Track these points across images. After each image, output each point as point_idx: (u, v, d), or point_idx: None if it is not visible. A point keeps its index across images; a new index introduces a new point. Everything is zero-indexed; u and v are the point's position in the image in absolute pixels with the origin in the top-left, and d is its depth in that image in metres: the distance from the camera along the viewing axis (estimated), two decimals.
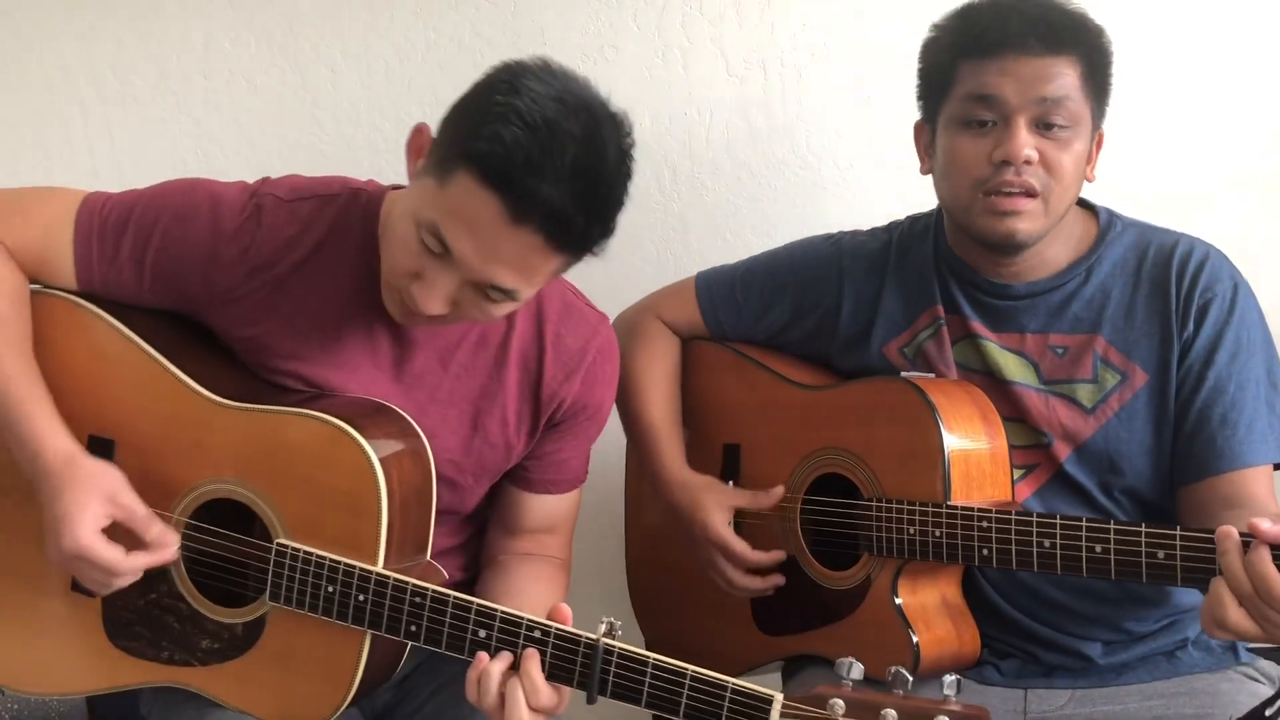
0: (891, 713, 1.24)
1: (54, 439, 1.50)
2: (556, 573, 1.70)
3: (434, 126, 1.51)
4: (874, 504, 1.67)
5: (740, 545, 1.79)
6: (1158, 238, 1.72)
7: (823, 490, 1.77)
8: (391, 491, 1.46)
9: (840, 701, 1.26)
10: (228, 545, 1.55)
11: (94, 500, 1.47)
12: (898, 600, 1.64)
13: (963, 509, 1.59)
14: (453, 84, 2.30)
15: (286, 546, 1.48)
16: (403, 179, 2.32)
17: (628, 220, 2.30)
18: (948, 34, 1.68)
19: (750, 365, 1.88)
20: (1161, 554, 1.46)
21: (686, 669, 1.34)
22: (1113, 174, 1.78)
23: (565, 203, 1.38)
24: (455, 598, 1.42)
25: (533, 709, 1.39)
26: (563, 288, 1.68)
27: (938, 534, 1.60)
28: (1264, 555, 1.35)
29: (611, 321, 2.00)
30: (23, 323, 1.57)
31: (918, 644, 1.62)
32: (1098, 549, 1.49)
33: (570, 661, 1.38)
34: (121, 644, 1.58)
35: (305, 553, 1.47)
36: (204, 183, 1.62)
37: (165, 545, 1.50)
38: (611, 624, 1.39)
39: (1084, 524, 1.51)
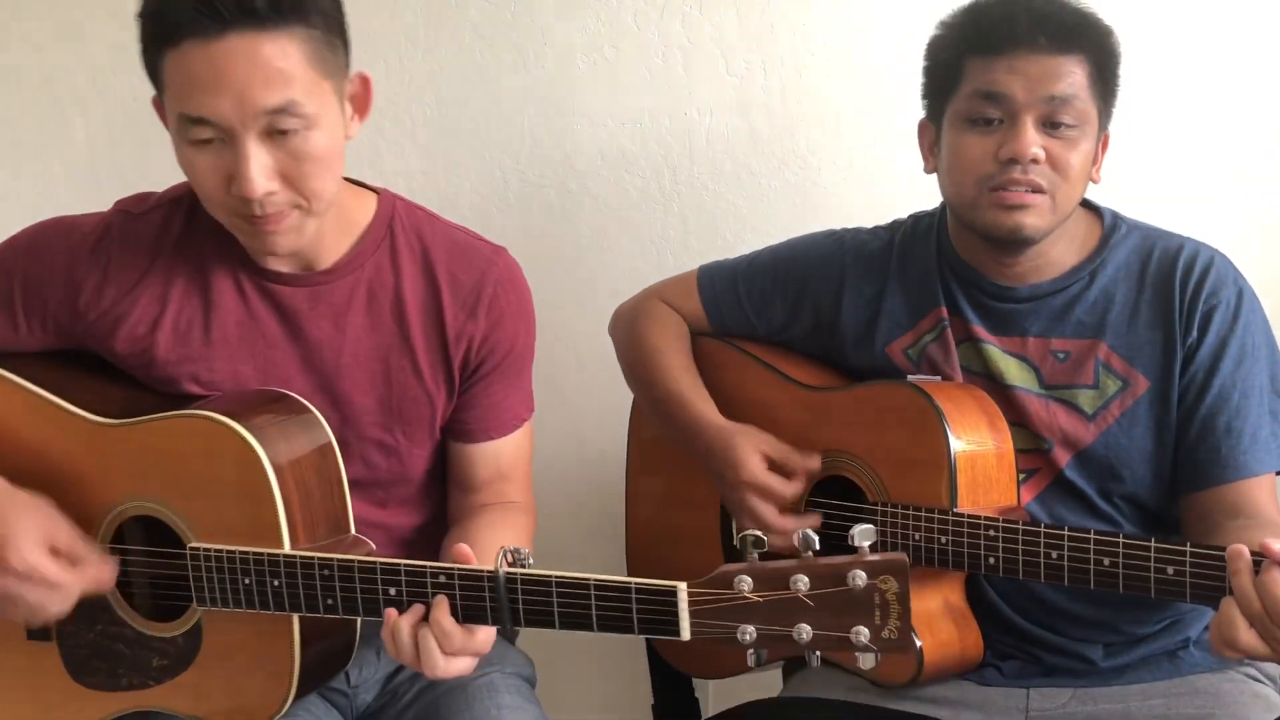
0: (802, 578, 1.19)
1: None
2: (515, 516, 1.69)
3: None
4: (879, 509, 1.67)
5: (777, 483, 1.74)
6: (1162, 241, 1.71)
7: (827, 493, 1.76)
8: (281, 474, 1.46)
9: (747, 578, 1.22)
10: (149, 561, 1.56)
11: (38, 525, 1.48)
12: None
13: (969, 517, 1.58)
14: (453, 84, 2.33)
15: (199, 549, 1.48)
16: (403, 177, 2.33)
17: (628, 220, 2.33)
18: (955, 31, 1.67)
19: (754, 364, 1.87)
20: (1171, 570, 1.44)
21: (589, 578, 1.33)
22: (1114, 173, 1.77)
23: None
24: (359, 562, 1.43)
25: (450, 654, 1.39)
26: (448, 228, 1.67)
27: (943, 541, 1.59)
28: (1276, 577, 1.34)
29: (615, 311, 2.01)
30: None
31: (921, 648, 1.62)
32: (1105, 562, 1.48)
33: (479, 599, 1.37)
34: (85, 681, 1.59)
35: (216, 551, 1.47)
36: (56, 219, 1.64)
37: (104, 571, 1.51)
38: (515, 552, 1.37)
39: (1092, 536, 1.49)
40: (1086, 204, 1.74)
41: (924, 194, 1.85)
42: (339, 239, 1.60)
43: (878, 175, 2.26)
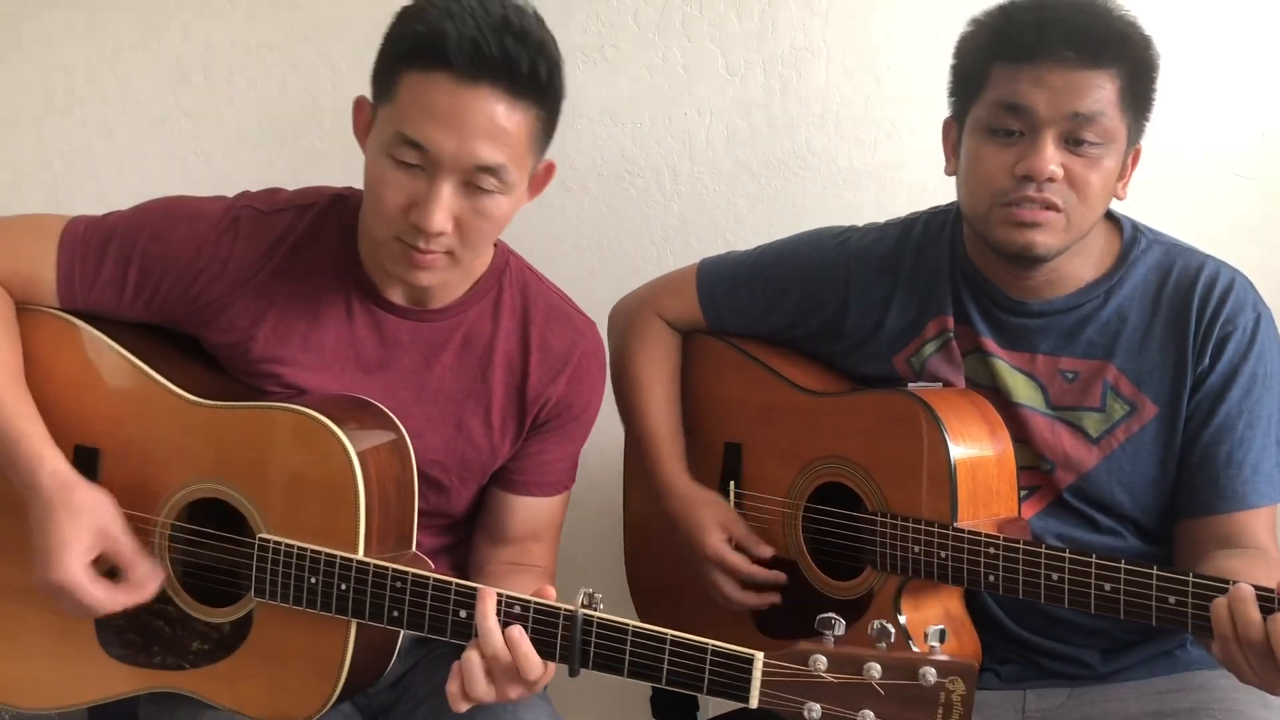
0: (875, 666, 1.22)
1: (51, 461, 1.53)
2: (539, 582, 1.67)
3: None
4: (879, 519, 1.66)
5: (736, 559, 1.78)
6: (1182, 259, 1.66)
7: (825, 497, 1.76)
8: (369, 481, 1.47)
9: (823, 657, 1.24)
10: (212, 545, 1.56)
11: (86, 532, 1.49)
12: (901, 618, 1.63)
13: (969, 534, 1.56)
14: None
15: (268, 541, 1.49)
16: None
17: (628, 220, 2.33)
18: (985, 32, 1.62)
19: (755, 365, 1.87)
20: (1173, 599, 1.43)
21: (666, 634, 1.33)
22: None
23: (504, 45, 1.44)
24: (435, 579, 1.43)
25: (530, 683, 1.39)
26: (549, 292, 1.70)
27: (943, 556, 1.58)
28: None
29: (610, 310, 2.01)
30: (13, 346, 1.59)
31: None
32: (1107, 588, 1.47)
33: (550, 635, 1.38)
34: (115, 652, 1.59)
35: (287, 545, 1.48)
36: (182, 200, 1.65)
37: (145, 587, 1.52)
38: (590, 595, 1.38)
39: (1094, 561, 1.48)
40: (1107, 214, 1.68)
41: (924, 195, 1.85)
42: (456, 285, 1.63)
43: (877, 175, 2.26)
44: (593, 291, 2.25)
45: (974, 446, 1.62)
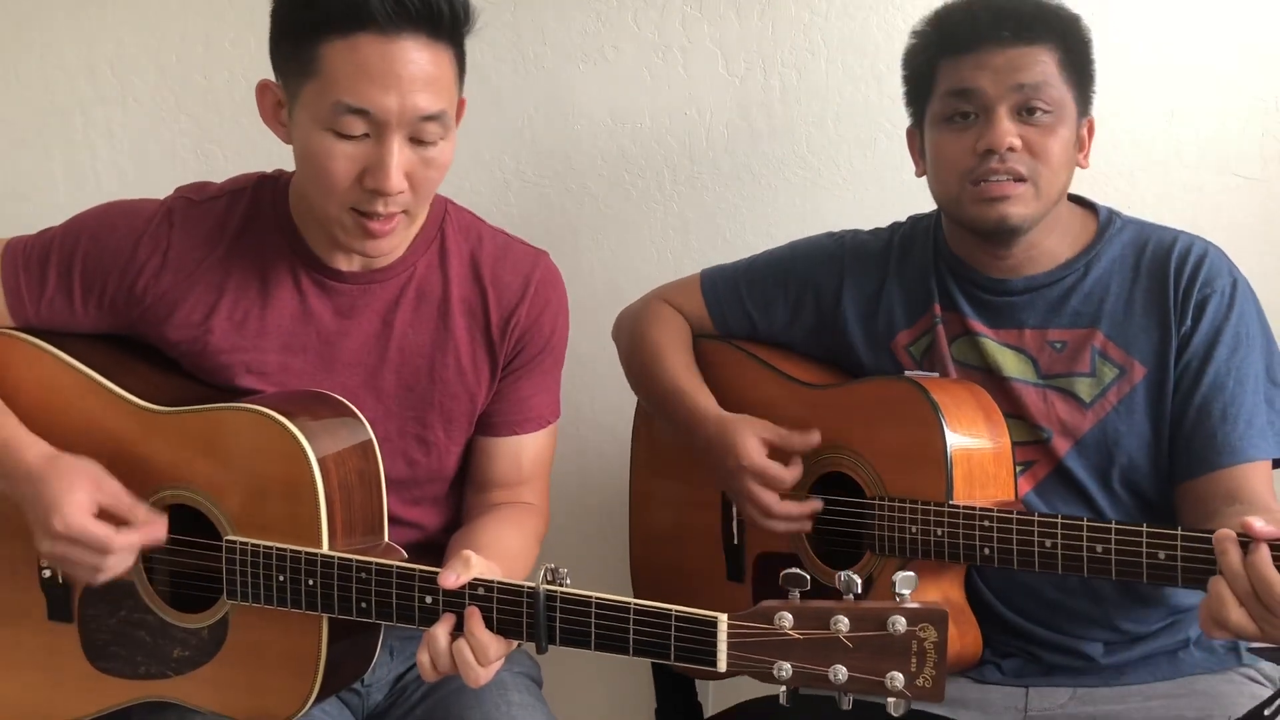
0: (843, 619, 1.21)
1: (32, 445, 1.55)
2: (526, 516, 1.71)
3: None
4: (876, 503, 1.67)
5: (776, 468, 1.74)
6: (1157, 234, 1.73)
7: (827, 489, 1.76)
8: (327, 474, 1.48)
9: (788, 614, 1.23)
10: (184, 551, 1.56)
11: (81, 486, 1.50)
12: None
13: (964, 508, 1.59)
14: None
15: (235, 542, 1.49)
16: None
17: (628, 220, 2.33)
18: (925, 38, 1.72)
19: (755, 363, 1.88)
20: (1162, 554, 1.46)
21: (629, 603, 1.33)
22: (1113, 170, 1.77)
23: None
24: (398, 568, 1.44)
25: (487, 664, 1.40)
26: (494, 233, 1.71)
27: (939, 533, 1.60)
28: (1264, 555, 1.35)
29: (618, 315, 2.02)
30: None
31: None
32: (1099, 549, 1.50)
33: (516, 614, 1.38)
34: (102, 666, 1.59)
35: (253, 546, 1.48)
36: (116, 203, 1.67)
37: (155, 526, 1.52)
38: (554, 570, 1.38)
39: (1085, 524, 1.51)
40: (1083, 201, 1.76)
41: (923, 194, 1.85)
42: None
43: (877, 175, 2.26)
44: (592, 291, 2.27)
45: (969, 429, 1.64)
